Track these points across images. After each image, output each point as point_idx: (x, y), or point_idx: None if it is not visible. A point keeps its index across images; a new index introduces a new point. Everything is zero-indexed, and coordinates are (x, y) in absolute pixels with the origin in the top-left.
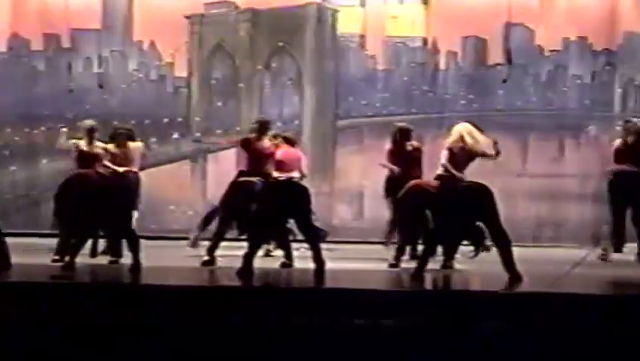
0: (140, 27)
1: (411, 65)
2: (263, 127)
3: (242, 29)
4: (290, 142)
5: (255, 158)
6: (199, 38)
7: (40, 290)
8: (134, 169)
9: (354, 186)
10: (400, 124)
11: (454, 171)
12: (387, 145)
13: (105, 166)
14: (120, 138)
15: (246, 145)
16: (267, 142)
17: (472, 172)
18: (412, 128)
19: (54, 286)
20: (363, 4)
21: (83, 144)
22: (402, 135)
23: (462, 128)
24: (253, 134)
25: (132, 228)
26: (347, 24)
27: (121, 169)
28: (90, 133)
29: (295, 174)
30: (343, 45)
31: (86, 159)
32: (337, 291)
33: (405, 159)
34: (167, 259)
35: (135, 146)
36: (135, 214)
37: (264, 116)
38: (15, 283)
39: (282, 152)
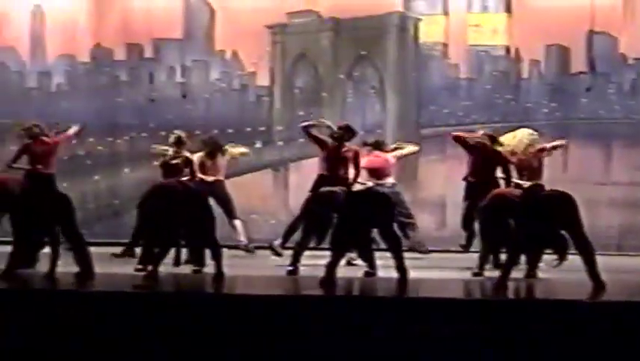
0: (222, 37)
1: (493, 74)
2: (346, 133)
3: (324, 38)
4: (380, 148)
5: (334, 162)
6: (281, 48)
7: (124, 300)
8: (219, 178)
9: (437, 195)
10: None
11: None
12: None
13: (192, 175)
14: (209, 147)
15: (325, 147)
16: (347, 148)
17: (556, 180)
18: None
19: (137, 295)
20: (445, 13)
21: (168, 154)
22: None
23: (525, 136)
24: (334, 140)
25: (215, 237)
26: (429, 32)
27: (210, 178)
28: (177, 143)
29: (389, 181)
30: (425, 54)
31: (170, 168)
32: (420, 300)
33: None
34: (251, 269)
35: (233, 152)
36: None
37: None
38: (98, 292)
39: (374, 159)
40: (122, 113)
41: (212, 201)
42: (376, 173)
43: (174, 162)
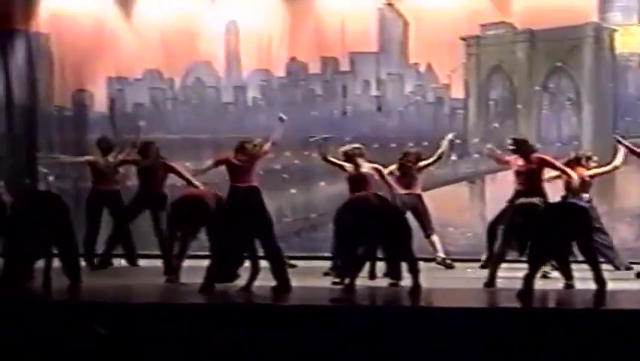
0: (416, 49)
1: None
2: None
3: (519, 50)
4: (580, 163)
5: (525, 176)
6: (476, 60)
7: (321, 313)
8: (417, 191)
9: (635, 206)
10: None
11: None
12: None
13: (388, 185)
14: (408, 160)
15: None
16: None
17: None
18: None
19: (334, 309)
20: None
21: (349, 166)
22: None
23: None
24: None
25: (412, 250)
26: (625, 43)
27: (402, 191)
28: (349, 156)
29: (585, 196)
30: (622, 64)
31: (356, 181)
32: (617, 312)
33: None
34: (447, 281)
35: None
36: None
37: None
38: (295, 306)
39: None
40: (317, 127)
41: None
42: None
43: (356, 173)
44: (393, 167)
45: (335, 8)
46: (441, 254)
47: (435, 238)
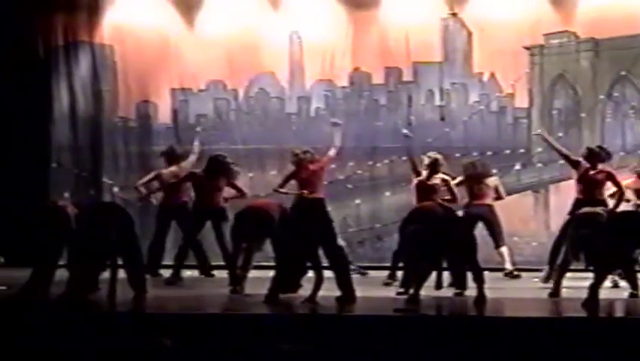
0: (479, 59)
1: None
2: (593, 155)
3: (583, 59)
4: None
5: (587, 185)
6: (540, 69)
7: (385, 323)
8: (487, 202)
9: None
10: None
11: None
12: None
13: (453, 196)
14: (473, 171)
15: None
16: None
17: None
18: None
19: (398, 319)
20: None
21: (423, 176)
22: None
23: None
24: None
25: (477, 260)
26: None
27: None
28: (432, 165)
29: None
30: None
31: (424, 190)
32: None
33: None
34: (512, 291)
35: (492, 180)
36: (504, 249)
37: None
38: (359, 316)
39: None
40: (381, 137)
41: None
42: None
43: (427, 183)
44: (460, 178)
45: (398, 18)
46: (508, 266)
47: (504, 249)
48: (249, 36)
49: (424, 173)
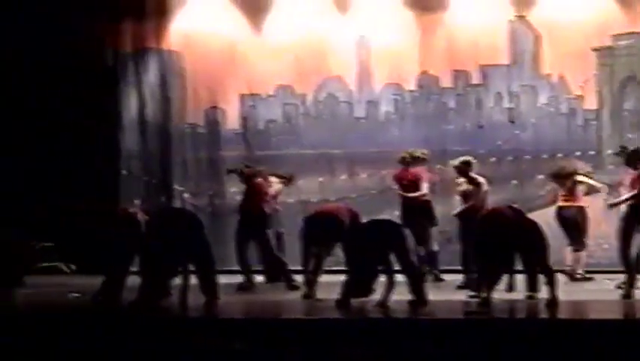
0: (548, 61)
1: None
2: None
3: None
4: None
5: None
6: (609, 71)
7: (457, 327)
8: (579, 204)
9: None
10: None
11: None
12: None
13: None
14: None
15: None
16: None
17: None
18: None
19: (470, 322)
20: None
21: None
22: None
23: None
24: None
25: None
26: None
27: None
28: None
29: None
30: None
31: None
32: None
33: None
34: (585, 294)
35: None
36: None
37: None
38: (431, 320)
39: None
40: (450, 140)
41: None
42: None
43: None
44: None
45: (465, 21)
46: (580, 270)
47: (583, 253)
48: (316, 41)
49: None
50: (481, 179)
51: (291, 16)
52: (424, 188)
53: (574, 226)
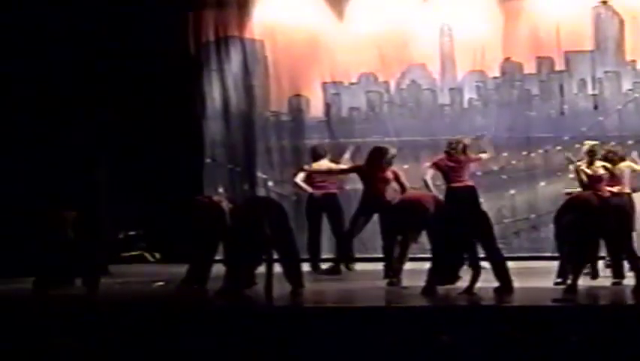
0: (632, 46)
1: None
2: None
3: None
4: None
5: None
6: None
7: (543, 314)
8: (626, 190)
9: None
10: None
11: None
12: None
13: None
14: (614, 158)
15: None
16: None
17: None
18: None
19: (556, 309)
20: None
21: (583, 166)
22: None
23: None
24: None
25: (634, 249)
26: None
27: (614, 189)
28: (590, 154)
29: None
30: None
31: (588, 180)
32: None
33: None
34: None
35: (625, 166)
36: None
37: None
38: (518, 307)
39: None
40: (534, 127)
41: None
42: None
43: (590, 172)
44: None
45: (548, 8)
46: None
47: None
48: (399, 29)
49: (584, 163)
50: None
51: (373, 3)
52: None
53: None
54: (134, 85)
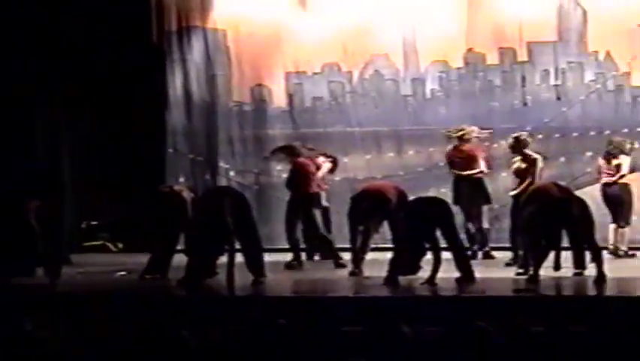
0: (594, 37)
1: None
2: None
3: None
4: None
5: None
6: None
7: (504, 304)
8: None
9: None
10: None
11: None
12: None
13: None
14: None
15: None
16: None
17: None
18: None
19: (517, 299)
20: None
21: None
22: None
23: None
24: None
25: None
26: None
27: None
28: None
29: None
30: None
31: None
32: None
33: None
34: (631, 270)
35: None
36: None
37: None
38: (479, 297)
39: None
40: (497, 118)
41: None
42: None
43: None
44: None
45: None
46: (623, 247)
47: (626, 230)
48: (362, 18)
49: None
50: (536, 155)
51: None
52: (482, 165)
53: (619, 202)
54: (97, 75)
